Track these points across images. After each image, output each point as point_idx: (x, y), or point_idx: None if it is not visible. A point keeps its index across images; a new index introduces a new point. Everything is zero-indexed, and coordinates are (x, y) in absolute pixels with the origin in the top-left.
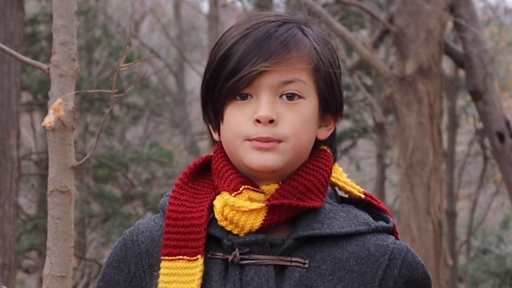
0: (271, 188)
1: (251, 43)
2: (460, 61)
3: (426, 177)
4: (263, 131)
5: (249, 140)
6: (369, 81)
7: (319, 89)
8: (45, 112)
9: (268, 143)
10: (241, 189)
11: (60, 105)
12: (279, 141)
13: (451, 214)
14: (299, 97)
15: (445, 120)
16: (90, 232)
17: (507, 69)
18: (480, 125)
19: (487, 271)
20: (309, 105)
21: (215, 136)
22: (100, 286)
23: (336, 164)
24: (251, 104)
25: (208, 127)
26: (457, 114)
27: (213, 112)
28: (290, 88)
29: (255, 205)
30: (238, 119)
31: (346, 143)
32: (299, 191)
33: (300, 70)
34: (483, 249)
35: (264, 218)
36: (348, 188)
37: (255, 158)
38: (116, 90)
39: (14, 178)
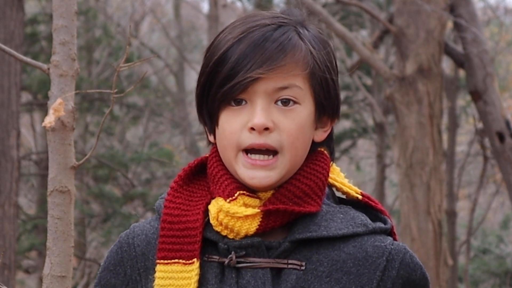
0: (267, 193)
1: (245, 48)
2: (460, 61)
3: (426, 177)
4: (258, 139)
5: (244, 150)
6: (369, 81)
7: (315, 94)
8: (45, 112)
9: (263, 161)
10: (236, 195)
11: (60, 105)
12: (275, 152)
13: (451, 214)
14: (295, 102)
15: (445, 120)
16: (90, 232)
17: (507, 69)
18: (480, 125)
19: (487, 271)
20: (304, 110)
21: (211, 138)
22: None
23: (334, 164)
24: (246, 110)
25: (204, 128)
26: (457, 114)
27: (208, 116)
28: (285, 94)
29: (250, 211)
30: (233, 127)
31: (346, 143)
32: (296, 195)
33: (296, 76)
34: (483, 249)
35: (259, 223)
36: (345, 189)
37: (250, 176)
38: (116, 90)
39: (14, 178)
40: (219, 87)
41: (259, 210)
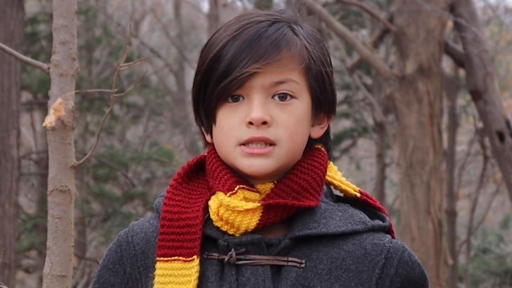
0: (267, 187)
1: (241, 44)
2: (460, 61)
3: (426, 176)
4: (256, 133)
5: (242, 144)
6: (369, 81)
7: (311, 88)
8: (45, 112)
9: (261, 149)
10: (236, 188)
11: (60, 105)
12: (273, 144)
13: (451, 214)
14: (292, 97)
15: (445, 119)
16: (90, 232)
17: (507, 68)
18: (480, 125)
19: (487, 270)
20: (301, 104)
21: (208, 138)
22: None
23: (331, 162)
24: (243, 106)
25: (201, 129)
26: (457, 113)
27: (205, 115)
28: (282, 88)
29: (250, 205)
30: (231, 123)
31: (346, 143)
32: (295, 191)
33: (292, 70)
34: (483, 248)
35: (259, 218)
36: (343, 187)
37: (248, 164)
38: (116, 90)
39: (14, 178)
40: (216, 84)
41: (259, 204)
